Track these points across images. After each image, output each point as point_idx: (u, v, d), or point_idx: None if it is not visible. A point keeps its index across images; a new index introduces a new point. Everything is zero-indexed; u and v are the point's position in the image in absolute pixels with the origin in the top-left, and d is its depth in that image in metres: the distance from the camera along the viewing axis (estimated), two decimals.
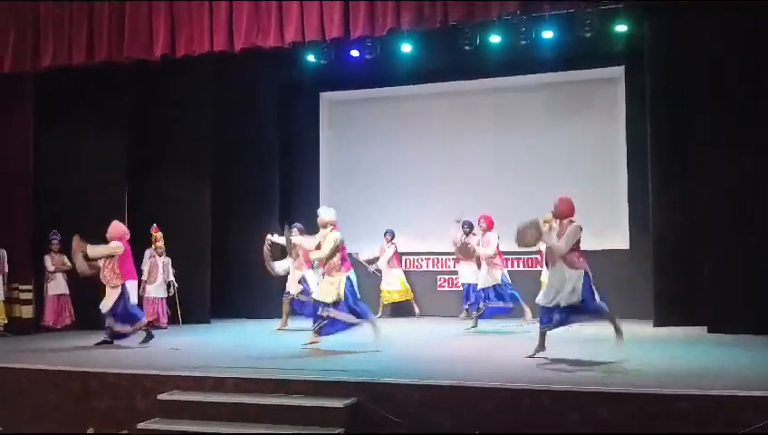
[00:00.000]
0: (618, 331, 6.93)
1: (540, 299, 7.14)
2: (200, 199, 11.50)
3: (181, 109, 11.38)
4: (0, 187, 10.22)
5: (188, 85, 11.21)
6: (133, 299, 9.24)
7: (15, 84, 10.02)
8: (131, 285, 9.28)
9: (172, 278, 10.76)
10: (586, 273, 6.83)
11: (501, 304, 9.66)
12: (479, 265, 9.97)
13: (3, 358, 7.37)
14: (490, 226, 9.79)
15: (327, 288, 7.77)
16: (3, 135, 10.32)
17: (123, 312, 8.50)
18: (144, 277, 10.48)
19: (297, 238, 8.85)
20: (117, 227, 8.67)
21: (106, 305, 8.49)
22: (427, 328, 10.51)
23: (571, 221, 6.93)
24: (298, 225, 9.82)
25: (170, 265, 10.76)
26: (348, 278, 7.79)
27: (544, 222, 7.06)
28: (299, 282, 9.96)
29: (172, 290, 10.78)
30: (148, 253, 10.60)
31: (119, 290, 8.48)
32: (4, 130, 10.33)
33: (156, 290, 10.58)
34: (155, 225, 10.60)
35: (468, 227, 10.38)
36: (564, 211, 6.99)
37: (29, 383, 6.75)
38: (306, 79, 12.64)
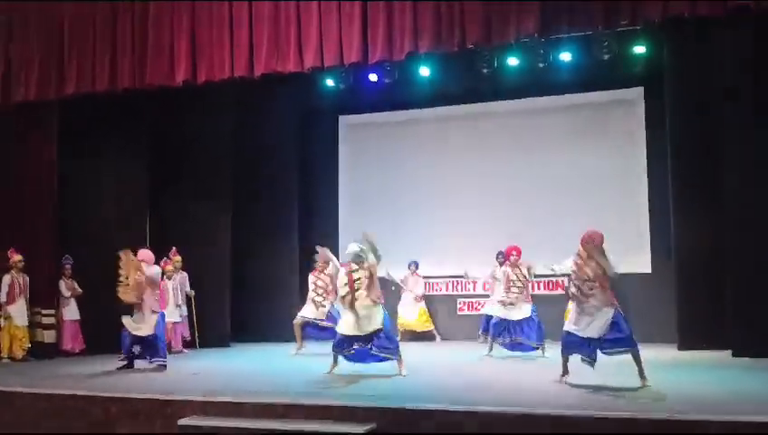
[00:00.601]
0: (641, 374, 6.80)
1: (570, 326, 6.99)
2: (220, 222, 11.55)
3: (202, 132, 11.49)
4: (25, 210, 10.33)
5: (209, 108, 11.30)
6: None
7: (41, 109, 10.14)
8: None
9: (182, 300, 10.73)
10: (617, 310, 6.79)
11: (528, 341, 9.49)
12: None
13: (26, 383, 7.40)
14: (519, 256, 9.61)
15: (369, 315, 7.67)
16: (28, 159, 10.44)
17: (153, 339, 8.39)
18: None
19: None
20: (146, 253, 8.64)
21: (144, 330, 8.37)
22: (447, 353, 10.42)
23: (602, 251, 6.85)
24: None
25: (180, 290, 10.72)
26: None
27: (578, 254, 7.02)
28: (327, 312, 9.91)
29: (182, 313, 10.71)
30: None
31: (157, 317, 8.36)
32: (30, 154, 10.45)
33: (167, 315, 10.19)
34: (174, 249, 10.70)
35: (503, 257, 10.24)
36: (591, 242, 6.91)
37: (51, 408, 6.74)
38: (325, 103, 12.77)
